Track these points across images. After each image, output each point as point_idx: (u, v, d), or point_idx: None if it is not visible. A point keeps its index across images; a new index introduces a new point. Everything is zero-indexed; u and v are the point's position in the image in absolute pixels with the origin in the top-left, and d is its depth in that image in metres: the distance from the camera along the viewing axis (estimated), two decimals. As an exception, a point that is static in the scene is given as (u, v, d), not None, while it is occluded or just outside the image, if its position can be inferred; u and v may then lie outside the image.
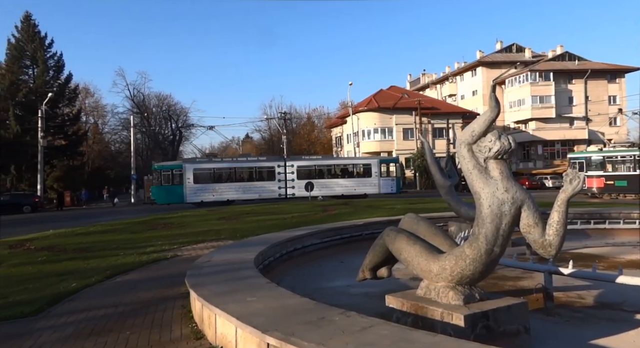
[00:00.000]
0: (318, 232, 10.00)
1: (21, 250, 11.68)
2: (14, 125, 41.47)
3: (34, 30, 45.40)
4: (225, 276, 5.64)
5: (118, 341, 4.51)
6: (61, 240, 13.32)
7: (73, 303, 6.16)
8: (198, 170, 30.59)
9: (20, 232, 16.91)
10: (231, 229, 13.67)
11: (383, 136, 51.10)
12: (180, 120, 65.24)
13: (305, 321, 3.48)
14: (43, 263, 9.30)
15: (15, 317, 5.52)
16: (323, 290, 6.63)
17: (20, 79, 44.53)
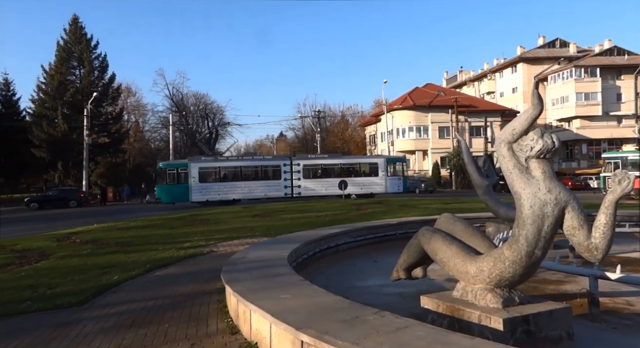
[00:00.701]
0: (351, 230, 9.97)
1: (68, 243, 12.26)
2: (62, 124, 43.59)
3: (81, 32, 47.49)
4: (259, 273, 5.71)
5: (157, 333, 4.64)
6: (104, 234, 13.89)
7: (115, 295, 6.40)
8: (203, 169, 30.16)
9: (67, 226, 17.76)
10: (265, 226, 13.84)
11: (418, 135, 50.37)
12: (216, 119, 66.57)
13: (339, 320, 3.47)
14: (88, 256, 9.72)
15: (63, 307, 5.80)
16: (356, 289, 6.60)
17: (68, 79, 46.70)
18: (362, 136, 66.95)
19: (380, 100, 53.84)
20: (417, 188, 39.07)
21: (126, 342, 4.41)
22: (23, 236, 14.68)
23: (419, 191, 38.53)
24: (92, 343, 4.44)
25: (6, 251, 11.13)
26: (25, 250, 11.13)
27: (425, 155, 51.01)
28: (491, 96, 62.39)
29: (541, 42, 60.54)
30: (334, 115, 70.64)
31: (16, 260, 9.58)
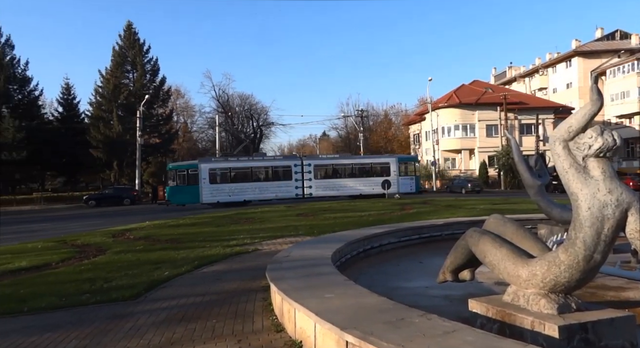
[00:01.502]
0: (396, 230, 9.85)
1: (122, 239, 12.89)
2: (117, 125, 45.93)
3: (134, 37, 49.84)
4: (303, 271, 5.75)
5: (205, 328, 4.78)
6: (155, 231, 14.48)
7: (166, 290, 6.65)
8: (214, 170, 29.75)
9: (121, 223, 18.68)
10: (308, 226, 13.93)
11: (464, 133, 48.97)
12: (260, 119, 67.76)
13: (384, 321, 3.43)
14: (140, 252, 10.16)
15: (118, 300, 6.09)
16: (401, 290, 6.50)
17: (122, 83, 49.16)
18: (405, 135, 66.00)
19: (425, 99, 52.90)
20: (463, 189, 38.01)
21: (176, 336, 4.57)
22: (82, 232, 15.58)
23: (465, 191, 37.46)
24: (145, 335, 4.63)
25: (67, 246, 11.85)
26: (85, 245, 11.81)
27: (472, 155, 49.52)
28: (543, 92, 59.66)
29: (599, 35, 57.22)
30: (377, 115, 70.09)
31: (76, 255, 10.19)
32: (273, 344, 4.26)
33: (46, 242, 12.81)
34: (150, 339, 4.52)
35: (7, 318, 5.50)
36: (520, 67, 67.68)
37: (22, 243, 13.12)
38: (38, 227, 20.90)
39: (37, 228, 20.52)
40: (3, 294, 6.69)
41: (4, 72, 44.09)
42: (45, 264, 9.08)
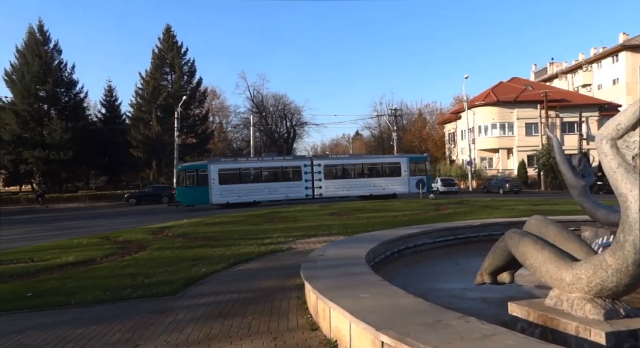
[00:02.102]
0: (431, 231, 9.69)
1: (161, 236, 13.29)
2: (156, 126, 47.45)
3: (173, 40, 51.34)
4: (337, 271, 5.76)
5: (242, 325, 4.87)
6: (193, 228, 14.85)
7: (203, 286, 6.81)
8: (223, 170, 29.36)
9: (160, 220, 19.28)
10: (342, 225, 13.92)
11: (502, 132, 47.58)
12: (294, 119, 68.25)
13: (421, 322, 3.38)
14: (178, 249, 10.45)
15: (158, 295, 6.30)
16: (436, 292, 6.40)
17: (161, 84, 50.75)
18: (440, 134, 64.85)
19: (461, 97, 51.69)
20: (501, 189, 36.96)
21: (214, 332, 4.68)
22: (124, 229, 16.18)
23: (503, 191, 36.41)
24: (184, 330, 4.76)
25: (111, 242, 12.34)
26: (126, 241, 12.26)
27: (510, 154, 48.07)
28: (587, 89, 57.15)
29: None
30: (411, 113, 69.21)
31: (119, 251, 10.59)
32: (308, 342, 4.29)
33: (91, 238, 13.38)
34: (189, 334, 4.64)
35: (56, 310, 5.78)
36: (562, 63, 65.13)
37: (69, 239, 13.77)
38: (83, 224, 21.87)
39: (82, 225, 21.49)
40: (52, 287, 7.05)
41: (53, 76, 46.33)
42: (90, 259, 9.50)
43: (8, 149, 43.93)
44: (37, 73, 45.24)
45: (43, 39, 47.37)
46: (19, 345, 4.53)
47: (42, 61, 45.83)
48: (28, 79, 45.14)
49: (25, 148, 44.01)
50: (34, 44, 46.56)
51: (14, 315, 5.66)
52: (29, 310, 5.86)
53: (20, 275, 8.19)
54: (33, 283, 7.42)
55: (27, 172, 46.63)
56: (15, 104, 45.80)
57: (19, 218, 29.23)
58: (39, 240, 14.57)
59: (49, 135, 44.58)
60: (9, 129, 44.05)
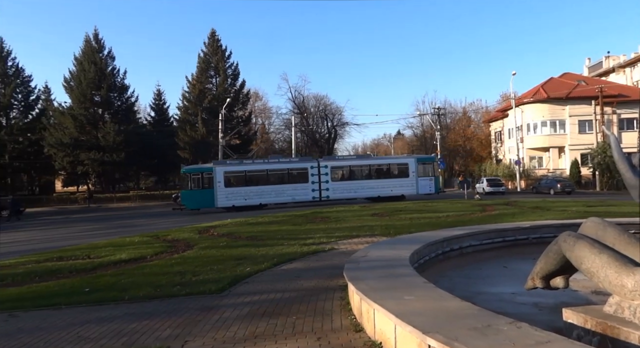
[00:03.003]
0: (477, 232, 9.41)
1: (207, 235, 13.68)
2: (202, 128, 48.95)
3: (218, 44, 52.80)
4: (381, 272, 5.71)
5: (286, 324, 4.92)
6: (237, 228, 15.18)
7: (248, 285, 6.95)
8: (229, 173, 28.92)
9: (206, 220, 19.85)
10: (384, 226, 13.79)
11: (553, 130, 45.46)
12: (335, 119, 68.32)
13: (469, 327, 3.29)
14: (224, 248, 10.71)
15: (205, 293, 6.48)
16: (484, 296, 6.21)
17: (206, 87, 52.29)
18: (486, 133, 62.83)
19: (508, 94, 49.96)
20: (552, 189, 35.30)
21: (259, 330, 4.75)
22: (172, 228, 16.78)
23: (554, 192, 34.77)
24: (230, 328, 4.87)
25: (160, 240, 12.84)
26: (175, 240, 12.71)
27: (562, 153, 45.87)
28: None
29: None
30: (455, 112, 67.53)
31: (168, 249, 11.00)
32: (352, 344, 4.27)
33: (142, 237, 13.97)
34: (235, 332, 4.74)
35: (111, 305, 6.08)
36: (620, 56, 61.34)
37: (121, 237, 14.45)
38: (134, 223, 22.90)
39: (133, 223, 22.50)
40: (108, 283, 7.42)
41: (107, 81, 48.80)
42: (141, 257, 9.92)
43: (67, 151, 46.67)
44: (92, 79, 47.80)
45: (98, 47, 49.98)
46: (79, 338, 4.79)
47: (97, 68, 48.35)
48: (84, 85, 47.76)
49: (81, 150, 46.57)
50: (90, 51, 49.20)
51: (73, 309, 6.00)
52: (87, 304, 6.20)
53: (78, 271, 8.68)
54: (90, 279, 7.84)
55: (83, 173, 49.32)
56: (73, 108, 48.59)
57: (76, 217, 31.02)
58: (94, 238, 15.40)
59: (103, 138, 46.97)
60: (67, 133, 46.79)
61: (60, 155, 46.84)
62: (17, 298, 6.69)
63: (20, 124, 49.49)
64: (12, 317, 5.76)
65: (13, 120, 49.93)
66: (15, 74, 50.37)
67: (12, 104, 50.16)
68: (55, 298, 6.51)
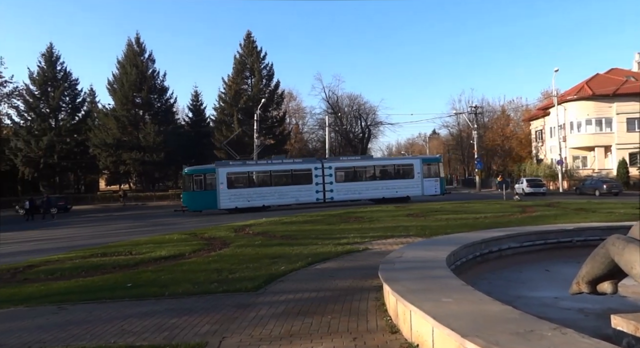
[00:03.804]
0: (517, 234, 9.12)
1: (243, 234, 13.91)
2: (237, 128, 49.79)
3: (253, 45, 53.63)
4: (417, 273, 5.63)
5: (321, 324, 4.93)
6: (272, 227, 15.36)
7: (283, 284, 7.01)
8: (232, 174, 28.41)
9: (241, 219, 20.18)
10: (419, 226, 13.60)
11: (598, 128, 43.44)
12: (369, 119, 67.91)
13: (511, 331, 3.19)
14: (259, 247, 10.87)
15: (241, 290, 6.59)
16: (525, 300, 6.01)
17: (242, 88, 53.19)
18: (526, 132, 60.81)
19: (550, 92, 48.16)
20: (597, 190, 33.73)
21: (295, 329, 4.79)
22: (209, 226, 17.17)
23: (600, 193, 33.21)
24: (266, 326, 4.93)
25: (197, 238, 13.17)
26: (212, 238, 13.00)
27: (608, 152, 43.77)
28: (703, 77, 50.28)
29: None
30: (493, 111, 65.75)
31: (205, 247, 11.26)
32: (389, 345, 4.23)
33: (180, 235, 14.38)
34: (271, 330, 4.80)
35: (152, 301, 6.29)
36: (671, 49, 57.90)
37: (161, 235, 14.92)
38: (173, 221, 23.59)
39: (172, 221, 23.18)
40: (149, 279, 7.68)
41: (147, 83, 50.51)
42: (180, 254, 10.20)
43: (110, 151, 48.63)
44: (134, 82, 49.60)
45: (139, 50, 51.78)
46: (122, 331, 4.97)
47: (138, 70, 50.13)
48: (127, 87, 49.62)
49: (123, 150, 48.42)
50: (132, 55, 51.06)
51: (117, 303, 6.24)
52: (129, 299, 6.43)
53: (121, 266, 9.02)
54: (132, 275, 8.13)
55: (125, 172, 51.23)
56: (116, 110, 50.60)
57: (118, 215, 32.26)
58: (135, 235, 15.96)
59: (143, 138, 48.65)
60: (110, 133, 48.77)
61: (104, 155, 48.88)
62: (65, 292, 7.03)
63: (68, 125, 51.95)
64: (61, 309, 6.05)
65: (61, 122, 52.49)
66: (63, 78, 52.98)
67: (61, 107, 52.80)
68: (100, 293, 6.80)
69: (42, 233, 20.53)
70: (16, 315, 5.88)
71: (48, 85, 51.77)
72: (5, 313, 6.05)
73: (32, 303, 6.42)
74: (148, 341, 4.57)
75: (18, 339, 4.86)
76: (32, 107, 51.00)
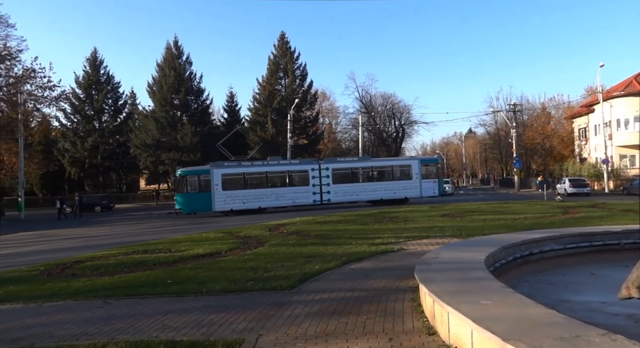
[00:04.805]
0: (560, 236, 8.78)
1: (277, 232, 14.06)
2: (271, 128, 50.44)
3: (287, 46, 54.14)
4: (454, 274, 5.52)
5: (357, 324, 4.91)
6: (305, 226, 15.44)
7: (317, 283, 7.03)
8: (227, 175, 27.78)
9: (276, 218, 20.41)
10: (455, 227, 13.33)
11: (647, 125, 41.24)
12: (403, 118, 67.17)
13: (555, 336, 3.07)
14: (293, 246, 10.94)
15: (276, 289, 6.66)
16: (569, 304, 5.78)
17: (276, 89, 53.77)
18: (568, 130, 58.45)
19: (594, 88, 46.07)
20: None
21: (330, 328, 4.79)
22: (244, 225, 17.46)
23: (649, 194, 31.49)
24: (302, 325, 4.96)
25: (233, 237, 13.41)
26: (247, 237, 13.21)
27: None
28: None
29: None
30: (532, 108, 63.69)
31: (240, 245, 11.45)
32: (425, 346, 4.17)
33: (217, 233, 14.68)
34: (306, 328, 4.82)
35: (191, 297, 6.45)
36: None
37: (198, 233, 15.30)
38: (210, 220, 24.13)
39: (209, 220, 23.72)
40: (187, 276, 7.89)
41: (185, 85, 51.88)
42: (217, 252, 10.42)
43: (149, 151, 50.28)
44: (172, 84, 51.06)
45: (177, 53, 53.25)
46: (163, 326, 5.13)
47: (176, 73, 51.58)
48: (165, 89, 51.15)
49: (162, 151, 49.92)
50: (170, 58, 52.58)
51: (158, 299, 6.44)
52: (169, 295, 6.62)
53: (161, 263, 9.31)
54: (171, 272, 8.37)
55: (164, 172, 52.82)
56: (155, 111, 52.25)
57: (157, 213, 33.30)
58: (173, 233, 16.43)
59: (181, 139, 50.03)
60: (150, 134, 50.42)
61: (144, 155, 50.58)
62: (109, 287, 7.33)
63: (111, 127, 54.11)
64: (106, 303, 6.31)
65: (104, 124, 54.75)
66: (106, 81, 55.27)
67: (104, 109, 55.12)
68: (142, 288, 7.04)
69: (87, 230, 21.46)
70: (65, 309, 6.17)
71: (92, 88, 54.21)
72: (56, 306, 6.36)
73: (80, 298, 6.72)
74: (187, 336, 4.69)
75: (67, 331, 5.10)
76: (77, 109, 53.52)
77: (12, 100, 37.41)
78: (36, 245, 16.00)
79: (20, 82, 36.68)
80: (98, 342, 4.55)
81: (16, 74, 36.73)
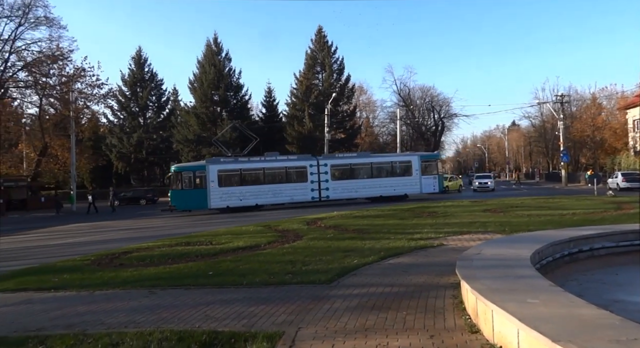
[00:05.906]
0: (612, 233, 8.36)
1: (315, 227, 14.12)
2: (308, 123, 50.63)
3: (324, 40, 54.06)
4: (498, 272, 5.36)
5: (396, 319, 4.85)
6: (343, 221, 15.43)
7: (356, 277, 7.00)
8: (223, 171, 27.12)
9: (313, 212, 20.51)
10: (498, 222, 12.94)
11: None
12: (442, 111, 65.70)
13: (609, 338, 2.91)
14: (331, 240, 10.96)
15: (315, 282, 6.68)
16: (623, 305, 5.48)
17: (313, 83, 53.87)
18: (621, 121, 55.20)
19: (650, 75, 43.15)
20: None
21: (369, 323, 4.76)
22: (282, 219, 17.65)
23: None
24: (341, 319, 4.95)
25: (271, 230, 13.59)
26: (285, 230, 13.34)
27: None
28: None
29: None
30: (581, 99, 60.58)
31: (279, 239, 11.59)
32: (469, 345, 4.06)
33: (256, 227, 14.92)
34: (345, 323, 4.81)
35: (232, 289, 6.59)
36: None
37: (238, 226, 15.60)
38: (248, 213, 24.55)
39: (248, 214, 24.14)
40: (228, 268, 8.06)
41: (224, 81, 52.86)
42: (256, 245, 10.59)
43: (191, 146, 51.71)
44: (212, 80, 52.13)
45: (217, 50, 54.25)
46: (206, 316, 5.26)
47: (216, 69, 52.60)
48: (206, 86, 52.30)
49: (203, 146, 51.19)
50: (210, 55, 53.67)
51: (200, 290, 6.62)
52: (211, 286, 6.80)
53: (203, 255, 9.56)
54: (213, 264, 8.58)
55: (205, 166, 54.21)
56: (196, 107, 53.60)
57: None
58: (213, 226, 16.84)
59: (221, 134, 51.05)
60: (191, 130, 51.82)
61: (185, 150, 52.07)
62: (155, 277, 7.60)
63: (154, 123, 56.03)
64: (152, 293, 6.55)
65: (149, 120, 56.73)
66: (150, 79, 57.20)
67: (148, 105, 57.12)
68: (185, 279, 7.26)
69: (133, 222, 22.36)
70: (114, 297, 6.46)
71: (137, 86, 56.27)
72: (105, 294, 6.67)
73: (127, 287, 7.01)
74: (229, 327, 4.79)
75: (115, 319, 5.34)
76: (124, 106, 55.77)
77: (65, 99, 39.52)
78: (87, 236, 16.84)
79: (71, 80, 38.64)
80: (145, 331, 4.72)
81: (68, 73, 38.69)
